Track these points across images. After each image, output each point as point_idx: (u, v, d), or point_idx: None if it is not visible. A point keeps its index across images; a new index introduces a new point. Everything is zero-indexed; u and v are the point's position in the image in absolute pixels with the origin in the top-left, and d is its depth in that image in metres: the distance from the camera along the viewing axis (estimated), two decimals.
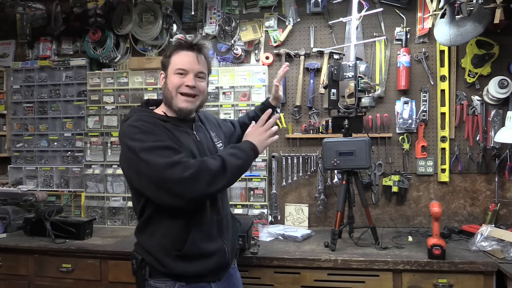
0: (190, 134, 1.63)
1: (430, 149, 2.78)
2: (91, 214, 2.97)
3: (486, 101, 2.68)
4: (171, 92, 1.59)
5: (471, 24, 2.32)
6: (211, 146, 1.70)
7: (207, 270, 1.57)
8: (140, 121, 1.52)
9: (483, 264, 2.00)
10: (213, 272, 1.60)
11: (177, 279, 1.54)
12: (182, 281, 1.54)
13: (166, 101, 1.64)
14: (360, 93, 2.27)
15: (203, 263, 1.55)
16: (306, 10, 2.90)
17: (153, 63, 2.97)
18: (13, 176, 3.21)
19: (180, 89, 1.59)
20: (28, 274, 2.43)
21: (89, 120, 3.04)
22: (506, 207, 2.67)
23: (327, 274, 2.12)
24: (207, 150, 1.64)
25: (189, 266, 1.53)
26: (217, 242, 1.60)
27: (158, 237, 1.55)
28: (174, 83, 1.59)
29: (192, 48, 1.61)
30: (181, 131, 1.60)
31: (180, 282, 1.54)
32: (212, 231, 1.59)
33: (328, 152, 2.28)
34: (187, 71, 1.59)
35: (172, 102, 1.60)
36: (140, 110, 1.63)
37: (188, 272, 1.54)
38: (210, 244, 1.57)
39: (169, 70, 1.61)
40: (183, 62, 1.59)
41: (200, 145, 1.63)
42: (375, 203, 2.79)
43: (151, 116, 1.58)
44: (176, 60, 1.60)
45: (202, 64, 1.63)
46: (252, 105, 2.87)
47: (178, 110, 1.60)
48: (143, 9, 3.03)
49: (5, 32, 3.33)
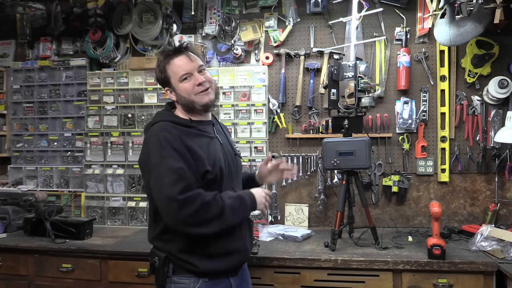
0: (214, 138, 1.69)
1: (430, 149, 2.78)
2: (91, 214, 2.97)
3: (486, 101, 2.68)
4: (189, 98, 1.64)
5: (471, 24, 2.32)
6: (230, 149, 1.77)
7: (230, 267, 1.65)
8: (164, 131, 1.55)
9: (483, 264, 2.00)
10: (235, 268, 1.69)
11: (201, 276, 1.60)
12: (206, 277, 1.60)
13: (187, 108, 1.67)
14: (360, 93, 2.27)
15: (227, 261, 1.63)
16: (306, 10, 2.90)
17: (153, 63, 2.96)
18: (13, 176, 3.21)
19: (195, 90, 1.64)
20: (28, 274, 2.43)
21: (89, 120, 3.04)
22: (506, 207, 2.67)
23: (327, 274, 2.12)
24: (228, 152, 1.73)
25: (213, 264, 1.60)
26: (239, 241, 1.67)
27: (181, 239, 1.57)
28: (188, 89, 1.63)
29: (179, 52, 1.66)
30: (207, 136, 1.66)
31: (204, 278, 1.60)
32: (234, 232, 1.65)
33: (328, 152, 2.28)
34: (190, 72, 1.64)
35: (194, 105, 1.65)
36: (166, 115, 1.66)
37: (213, 269, 1.60)
38: (233, 244, 1.64)
39: (173, 82, 1.66)
40: (182, 67, 1.64)
41: (224, 148, 1.71)
42: (375, 203, 2.79)
43: (175, 124, 1.60)
44: (174, 69, 1.64)
45: (195, 59, 1.68)
46: (252, 105, 2.87)
47: (204, 106, 1.66)
48: (143, 9, 3.02)
49: (5, 32, 3.33)
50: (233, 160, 1.74)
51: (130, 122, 2.99)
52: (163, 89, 1.73)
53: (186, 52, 1.66)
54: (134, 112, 2.98)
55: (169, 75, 1.65)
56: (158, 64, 1.69)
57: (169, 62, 1.65)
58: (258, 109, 2.87)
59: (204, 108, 1.67)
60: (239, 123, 2.88)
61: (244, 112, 2.89)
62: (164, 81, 1.68)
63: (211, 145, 1.65)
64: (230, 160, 1.72)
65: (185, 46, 1.68)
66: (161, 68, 1.67)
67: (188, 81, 1.63)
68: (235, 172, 1.75)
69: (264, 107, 2.87)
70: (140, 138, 2.93)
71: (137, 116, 2.98)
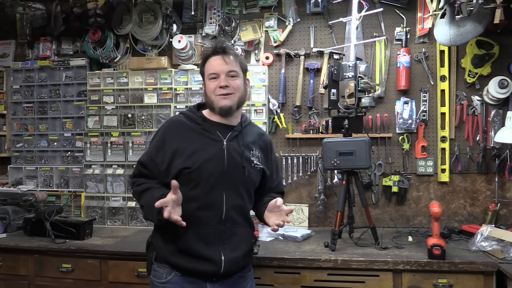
0: (218, 141, 1.69)
1: (430, 149, 2.78)
2: (91, 214, 2.97)
3: (486, 101, 2.68)
4: (210, 97, 1.70)
5: (471, 24, 2.32)
6: (238, 158, 1.69)
7: (200, 271, 1.64)
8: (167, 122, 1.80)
9: (483, 264, 2.00)
10: (207, 275, 1.65)
11: (174, 268, 1.66)
12: (178, 271, 1.65)
13: (209, 106, 1.74)
14: (360, 93, 2.27)
15: (196, 264, 1.62)
16: (306, 10, 2.90)
17: (153, 63, 2.97)
18: (13, 176, 3.20)
19: (216, 91, 1.67)
20: (28, 274, 2.43)
21: (89, 120, 3.04)
22: (506, 207, 2.67)
23: (327, 274, 2.12)
24: (231, 159, 1.67)
25: (183, 261, 1.63)
26: (213, 251, 1.63)
27: (160, 227, 1.67)
28: (210, 88, 1.69)
29: (216, 52, 1.70)
30: (208, 137, 1.69)
31: (176, 271, 1.66)
32: (209, 238, 1.63)
33: (328, 152, 2.28)
34: (218, 74, 1.68)
35: (213, 105, 1.70)
36: (188, 109, 1.81)
37: (182, 266, 1.64)
38: (205, 249, 1.62)
39: (205, 78, 1.74)
40: (212, 67, 1.69)
41: (225, 152, 1.67)
42: (375, 203, 2.79)
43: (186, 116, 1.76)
44: (208, 67, 1.72)
45: (230, 63, 1.69)
46: (252, 105, 2.87)
47: (220, 109, 1.69)
48: (143, 9, 3.02)
49: (5, 32, 3.33)
50: (235, 168, 1.68)
51: (130, 122, 2.99)
52: None
53: (223, 54, 1.69)
54: (134, 112, 2.98)
55: (203, 70, 1.74)
56: (201, 57, 1.80)
57: (207, 59, 1.72)
58: (258, 109, 2.87)
59: (219, 111, 1.69)
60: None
61: (244, 112, 2.88)
62: (201, 74, 1.78)
63: (206, 145, 1.66)
64: (230, 167, 1.66)
65: (224, 49, 1.70)
66: (202, 62, 1.76)
67: (214, 81, 1.68)
68: (232, 181, 1.67)
69: (264, 107, 2.87)
70: (140, 138, 2.94)
71: (137, 116, 2.98)
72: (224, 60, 1.68)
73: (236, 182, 1.69)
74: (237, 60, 1.72)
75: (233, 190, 1.68)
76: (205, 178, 1.63)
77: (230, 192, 1.67)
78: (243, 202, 1.73)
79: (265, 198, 1.80)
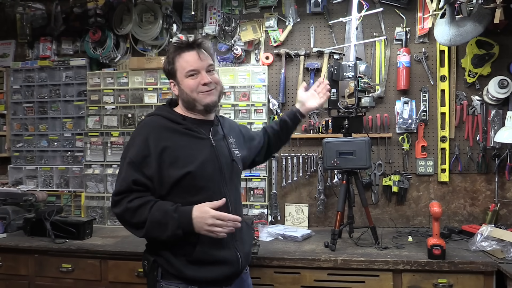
0: (205, 139, 1.63)
1: (430, 149, 2.78)
2: (91, 214, 2.97)
3: (486, 101, 2.68)
4: (191, 95, 1.61)
5: (471, 24, 2.32)
6: (226, 152, 1.68)
7: (219, 276, 1.58)
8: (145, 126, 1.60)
9: (483, 264, 2.00)
10: (227, 278, 1.61)
11: (189, 283, 1.55)
12: (195, 284, 1.55)
13: (187, 105, 1.65)
14: (360, 93, 2.27)
15: (215, 270, 1.56)
16: (306, 10, 2.90)
17: (153, 63, 2.97)
18: (13, 176, 3.20)
19: (199, 89, 1.60)
20: (28, 274, 2.43)
21: (89, 120, 3.04)
22: (506, 207, 2.67)
23: (327, 274, 2.12)
24: (222, 155, 1.65)
25: (200, 271, 1.54)
26: (229, 250, 1.60)
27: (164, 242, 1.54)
28: (191, 86, 1.60)
29: (191, 47, 1.62)
30: (195, 136, 1.61)
31: (192, 285, 1.55)
32: (223, 239, 1.53)
33: (328, 152, 2.28)
34: (198, 70, 1.60)
35: (195, 104, 1.62)
36: (161, 109, 1.68)
37: (200, 277, 1.55)
38: (221, 252, 1.57)
39: (179, 75, 1.62)
40: (190, 63, 1.60)
41: (216, 150, 1.63)
42: (375, 203, 2.79)
43: (163, 117, 1.62)
44: (183, 63, 1.61)
45: (207, 58, 1.64)
46: (252, 105, 2.87)
47: (206, 106, 1.63)
48: (143, 9, 3.02)
49: (5, 32, 3.33)
50: (227, 164, 1.66)
51: (130, 122, 2.99)
52: (168, 81, 1.70)
53: (198, 49, 1.62)
54: (134, 112, 2.98)
55: (176, 68, 1.62)
56: (167, 54, 1.66)
57: (179, 55, 1.61)
58: (258, 109, 2.87)
59: (205, 109, 1.63)
60: (239, 123, 2.86)
61: (244, 112, 2.89)
62: (170, 73, 1.65)
63: (197, 146, 1.60)
64: (223, 164, 1.63)
65: (198, 43, 1.63)
66: (170, 59, 1.63)
67: (193, 78, 1.60)
68: (229, 177, 1.66)
69: (264, 107, 2.87)
70: None
71: (137, 116, 2.98)
72: (199, 56, 1.60)
73: (232, 177, 1.69)
74: (209, 54, 1.67)
75: (231, 185, 1.68)
76: (208, 179, 1.59)
77: (229, 187, 1.66)
78: (239, 194, 1.75)
79: (274, 126, 2.04)
